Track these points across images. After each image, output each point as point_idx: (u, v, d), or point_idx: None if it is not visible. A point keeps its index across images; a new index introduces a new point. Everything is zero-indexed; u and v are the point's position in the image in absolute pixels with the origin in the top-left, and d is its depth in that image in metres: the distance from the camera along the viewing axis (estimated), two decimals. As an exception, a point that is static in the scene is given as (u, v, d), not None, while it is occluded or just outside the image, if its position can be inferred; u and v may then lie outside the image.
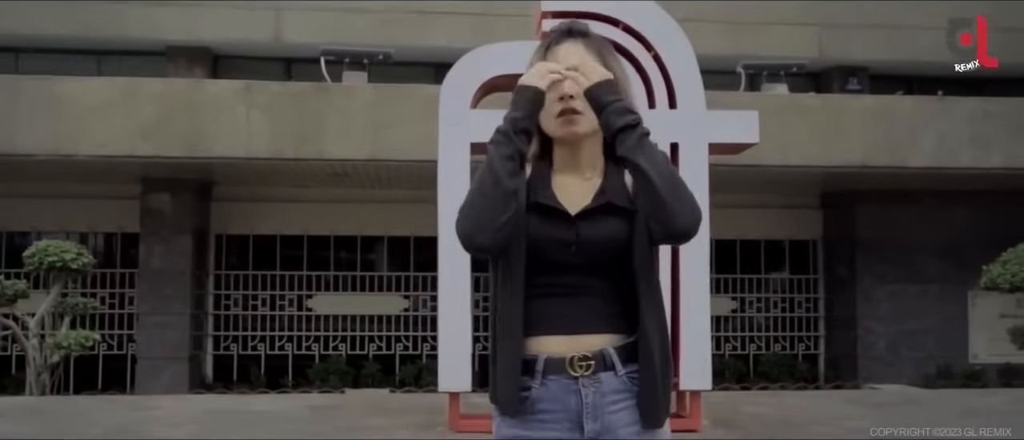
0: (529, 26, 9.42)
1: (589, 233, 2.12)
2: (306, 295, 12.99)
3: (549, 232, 2.12)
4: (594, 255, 2.12)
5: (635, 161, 2.06)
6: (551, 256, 2.11)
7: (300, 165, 10.56)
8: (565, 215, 2.14)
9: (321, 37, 11.91)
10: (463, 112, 5.97)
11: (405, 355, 12.93)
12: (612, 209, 2.15)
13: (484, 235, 2.03)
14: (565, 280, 2.12)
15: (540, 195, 2.17)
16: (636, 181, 2.09)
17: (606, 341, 2.13)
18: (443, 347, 5.92)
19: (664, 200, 2.02)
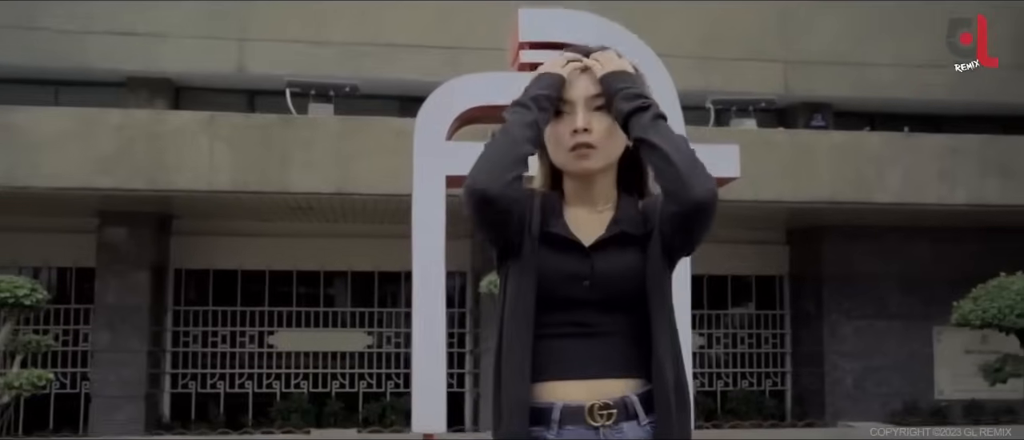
0: (499, 60, 9.36)
1: (604, 266, 1.99)
2: (267, 331, 12.70)
3: (561, 265, 1.99)
4: (609, 290, 1.98)
5: (649, 138, 1.96)
6: (563, 292, 1.97)
7: (264, 198, 10.35)
8: (578, 247, 2.01)
9: (286, 69, 11.74)
10: (438, 144, 5.83)
11: (369, 393, 12.67)
12: (627, 240, 2.02)
13: (493, 182, 1.90)
14: (579, 318, 1.98)
15: (552, 224, 2.03)
16: (651, 159, 1.96)
17: (627, 387, 1.98)
18: (417, 386, 5.72)
19: (681, 170, 1.92)
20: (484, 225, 1.97)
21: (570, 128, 2.02)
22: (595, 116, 2.03)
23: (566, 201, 2.10)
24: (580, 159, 2.02)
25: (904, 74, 13.13)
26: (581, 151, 2.02)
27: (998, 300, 8.44)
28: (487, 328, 12.21)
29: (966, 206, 10.97)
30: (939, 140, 11.27)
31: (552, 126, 2.04)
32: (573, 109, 2.04)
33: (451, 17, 12.66)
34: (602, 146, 2.03)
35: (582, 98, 2.04)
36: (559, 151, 2.05)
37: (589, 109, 2.03)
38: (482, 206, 1.92)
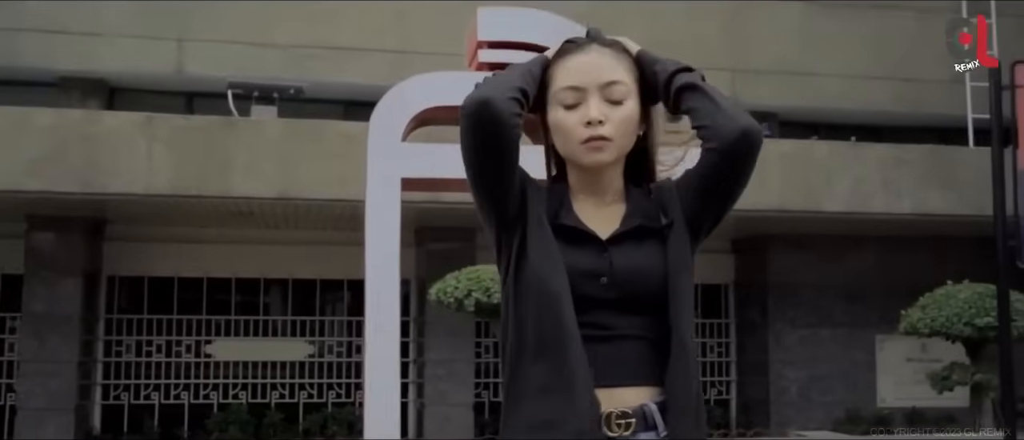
0: (447, 64, 9.20)
1: (622, 262, 1.84)
2: (205, 340, 12.32)
3: (576, 261, 1.83)
4: (628, 288, 1.83)
5: (695, 83, 1.88)
6: (579, 290, 1.81)
7: (204, 203, 10.02)
8: (594, 241, 1.86)
9: (227, 70, 11.42)
10: (393, 145, 5.63)
11: (310, 403, 12.35)
12: (645, 233, 1.87)
13: (495, 92, 1.81)
14: (596, 320, 1.82)
15: (564, 217, 1.87)
16: (693, 102, 1.87)
17: (645, 395, 1.83)
18: (370, 395, 5.52)
19: (725, 107, 1.84)
20: (483, 151, 1.82)
21: (582, 119, 1.87)
22: (608, 106, 1.88)
23: (572, 192, 1.95)
24: (593, 152, 1.88)
25: (849, 85, 13.26)
26: (595, 144, 1.87)
27: (945, 309, 8.51)
28: (433, 337, 11.99)
29: (911, 215, 11.07)
30: (885, 150, 11.37)
31: (561, 116, 1.90)
32: (584, 98, 1.88)
33: (399, 21, 12.46)
34: (616, 138, 1.88)
35: (595, 86, 1.88)
36: (569, 143, 1.90)
37: (602, 99, 1.88)
38: (483, 117, 1.79)
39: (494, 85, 1.86)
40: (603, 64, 1.90)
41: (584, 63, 1.90)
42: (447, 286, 8.25)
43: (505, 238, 1.90)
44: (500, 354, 1.93)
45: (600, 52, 1.92)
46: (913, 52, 13.64)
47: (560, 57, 1.94)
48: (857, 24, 13.65)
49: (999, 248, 7.05)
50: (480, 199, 1.91)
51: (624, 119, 1.89)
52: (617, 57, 1.92)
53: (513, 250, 1.87)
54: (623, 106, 1.89)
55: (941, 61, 13.67)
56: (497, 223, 1.91)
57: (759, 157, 1.92)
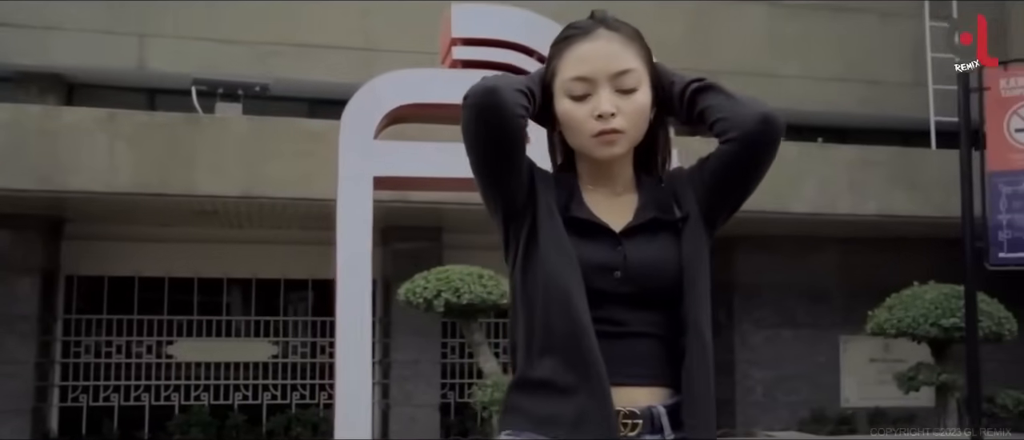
0: (414, 63, 9.12)
1: (637, 255, 1.78)
2: (166, 341, 12.12)
3: (589, 254, 1.77)
4: (642, 282, 1.77)
5: (711, 83, 1.84)
6: (592, 284, 1.75)
7: (167, 201, 9.84)
8: (608, 233, 1.79)
9: (190, 67, 11.23)
10: (366, 143, 5.55)
11: (273, 405, 12.20)
12: (659, 226, 1.81)
13: (501, 83, 1.74)
14: (608, 315, 1.75)
15: (575, 209, 1.81)
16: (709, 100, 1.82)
17: (654, 396, 1.77)
18: (342, 395, 5.43)
19: (741, 99, 1.80)
20: (487, 141, 1.75)
21: (592, 112, 1.80)
22: (620, 97, 1.81)
23: (581, 183, 1.88)
24: (606, 146, 1.82)
25: (814, 87, 13.34)
26: (607, 138, 1.80)
27: (912, 309, 8.55)
28: (398, 337, 11.89)
29: (876, 216, 11.15)
30: (851, 151, 11.45)
31: (570, 108, 1.82)
32: (594, 89, 1.81)
33: (365, 18, 12.33)
34: (629, 130, 1.82)
35: (605, 76, 1.80)
36: (580, 136, 1.83)
37: (613, 90, 1.81)
38: (489, 104, 1.72)
39: (500, 78, 1.79)
40: (612, 51, 1.82)
41: (592, 51, 1.81)
42: (416, 286, 8.16)
43: (513, 229, 1.84)
44: (510, 349, 1.86)
45: (608, 38, 1.83)
46: (876, 55, 13.76)
47: (565, 44, 1.85)
48: (821, 26, 13.73)
49: (966, 250, 7.10)
50: (486, 190, 1.84)
51: (636, 109, 1.82)
52: (626, 42, 1.84)
53: (521, 242, 1.81)
54: (635, 95, 1.82)
55: (904, 64, 13.87)
56: (504, 214, 1.84)
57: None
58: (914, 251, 12.43)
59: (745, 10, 13.58)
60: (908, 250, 12.47)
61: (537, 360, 1.75)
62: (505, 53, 5.61)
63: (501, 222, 1.85)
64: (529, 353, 1.77)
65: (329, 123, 9.93)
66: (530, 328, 1.77)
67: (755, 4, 13.63)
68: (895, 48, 13.86)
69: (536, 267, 1.76)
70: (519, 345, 1.81)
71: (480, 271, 8.31)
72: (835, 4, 13.75)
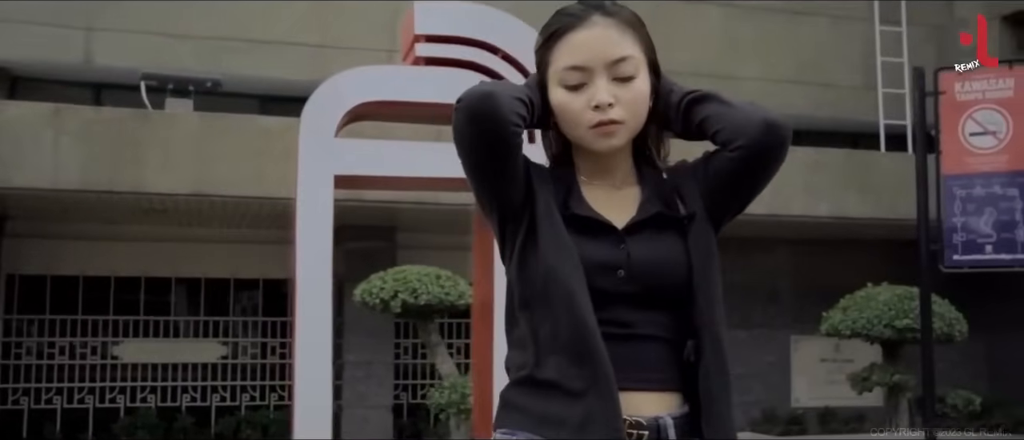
0: (367, 59, 8.98)
1: (641, 252, 1.70)
2: (112, 342, 11.85)
3: (591, 253, 1.68)
4: (648, 281, 1.69)
5: (707, 92, 1.77)
6: (594, 284, 1.66)
7: (114, 199, 9.60)
8: (610, 230, 1.71)
9: (139, 61, 10.96)
10: (327, 141, 5.41)
11: (222, 406, 11.97)
12: (664, 222, 1.73)
13: (498, 89, 1.66)
14: (612, 316, 1.67)
15: (575, 206, 1.72)
16: (706, 111, 1.75)
17: (663, 403, 1.68)
18: (300, 397, 5.28)
19: (741, 106, 1.73)
20: (481, 148, 1.66)
21: (589, 102, 1.72)
22: (617, 85, 1.73)
23: (579, 177, 1.80)
24: (604, 138, 1.74)
25: (768, 89, 13.42)
26: (605, 129, 1.72)
27: (866, 311, 8.63)
28: (351, 338, 11.73)
29: (829, 218, 11.26)
30: (805, 153, 11.54)
31: (566, 98, 1.74)
32: (590, 78, 1.72)
33: (318, 14, 12.16)
34: (628, 120, 1.74)
35: (602, 65, 1.72)
36: (577, 128, 1.75)
37: (610, 78, 1.73)
38: (484, 111, 1.63)
39: (497, 84, 1.72)
40: (610, 38, 1.73)
41: (589, 39, 1.73)
42: (372, 287, 8.04)
43: (510, 230, 1.75)
44: (508, 355, 1.77)
45: (605, 24, 1.74)
46: (828, 58, 13.91)
47: (559, 32, 1.76)
48: (775, 29, 13.85)
49: (922, 252, 7.16)
50: (479, 193, 1.76)
51: (635, 98, 1.74)
52: (623, 27, 1.75)
53: (519, 241, 1.72)
54: (633, 84, 1.74)
55: (855, 67, 14.04)
56: (500, 216, 1.75)
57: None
58: (864, 252, 12.59)
59: (701, 12, 13.65)
60: (858, 251, 12.63)
61: (543, 360, 1.67)
62: (469, 50, 5.51)
63: (497, 223, 1.77)
64: (533, 353, 1.69)
65: (282, 120, 9.78)
66: (533, 329, 1.69)
67: (711, 6, 13.71)
68: (846, 52, 14.03)
69: (536, 267, 1.68)
70: (519, 346, 1.73)
71: (437, 271, 8.22)
72: (789, 7, 13.87)
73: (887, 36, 13.72)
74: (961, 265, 7.25)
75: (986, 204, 7.13)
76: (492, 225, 1.79)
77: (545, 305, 1.66)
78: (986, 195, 7.14)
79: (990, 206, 7.11)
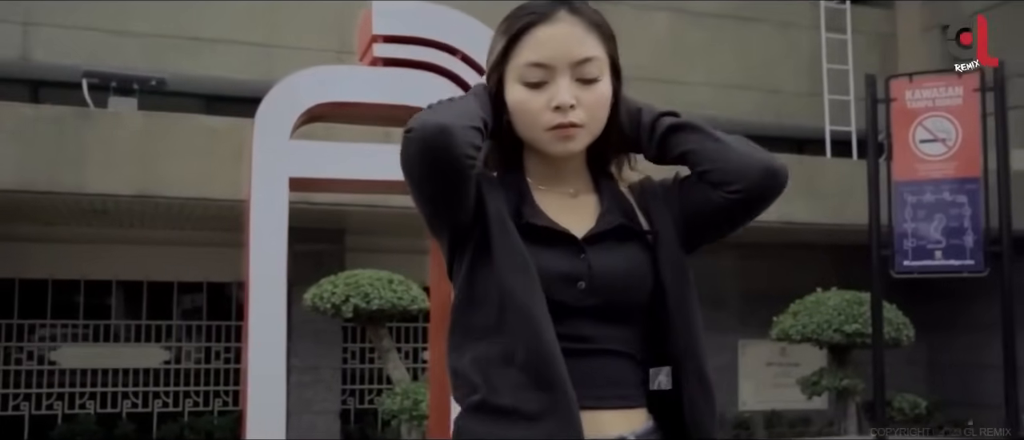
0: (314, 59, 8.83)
1: (603, 264, 1.62)
2: (49, 347, 11.51)
3: (549, 264, 1.59)
4: (610, 293, 1.61)
5: (692, 122, 1.70)
6: (553, 296, 1.58)
7: (54, 199, 9.32)
8: (569, 240, 1.63)
9: (79, 58, 10.66)
10: (281, 143, 5.28)
11: (165, 412, 11.70)
12: (626, 234, 1.65)
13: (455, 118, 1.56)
14: (571, 330, 1.58)
15: (530, 215, 1.63)
16: (690, 143, 1.67)
17: (626, 422, 1.61)
18: (253, 404, 5.14)
19: (735, 146, 1.65)
20: (432, 180, 1.58)
21: (549, 102, 1.63)
22: (580, 87, 1.65)
23: (532, 183, 1.71)
24: (562, 140, 1.65)
25: (715, 93, 13.54)
26: (565, 131, 1.64)
27: (816, 315, 8.71)
28: (297, 343, 11.53)
29: (777, 223, 11.33)
30: (755, 159, 11.61)
31: (524, 96, 1.65)
32: (552, 76, 1.64)
33: (265, 12, 11.95)
34: (589, 123, 1.66)
35: (565, 64, 1.64)
36: (533, 129, 1.65)
37: (573, 77, 1.64)
38: (438, 146, 1.54)
39: (452, 112, 1.60)
40: (575, 36, 1.65)
41: (554, 35, 1.65)
42: (323, 291, 7.90)
43: (460, 247, 1.67)
44: (454, 372, 1.65)
45: (571, 22, 1.66)
46: (775, 64, 14.05)
47: (523, 29, 1.67)
48: (722, 34, 13.95)
49: (873, 258, 7.24)
50: (429, 220, 1.67)
51: (597, 101, 1.66)
52: (589, 27, 1.68)
53: (468, 256, 1.63)
54: (596, 86, 1.66)
55: (800, 73, 14.20)
56: (451, 238, 1.67)
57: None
58: (810, 257, 12.73)
59: (649, 16, 13.69)
60: (804, 256, 12.76)
61: (498, 385, 1.57)
62: (428, 51, 5.42)
63: (447, 244, 1.69)
64: (485, 378, 1.59)
65: (230, 120, 9.58)
66: (485, 351, 1.60)
67: (658, 10, 13.76)
68: (792, 57, 14.19)
69: (489, 286, 1.59)
70: (471, 369, 1.61)
71: (390, 276, 8.11)
72: (736, 13, 13.98)
73: (833, 43, 13.91)
74: (911, 271, 7.34)
75: (936, 210, 7.23)
76: (442, 246, 1.71)
77: (500, 327, 1.58)
78: (936, 201, 7.23)
79: (940, 212, 7.21)
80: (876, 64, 13.25)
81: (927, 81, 7.42)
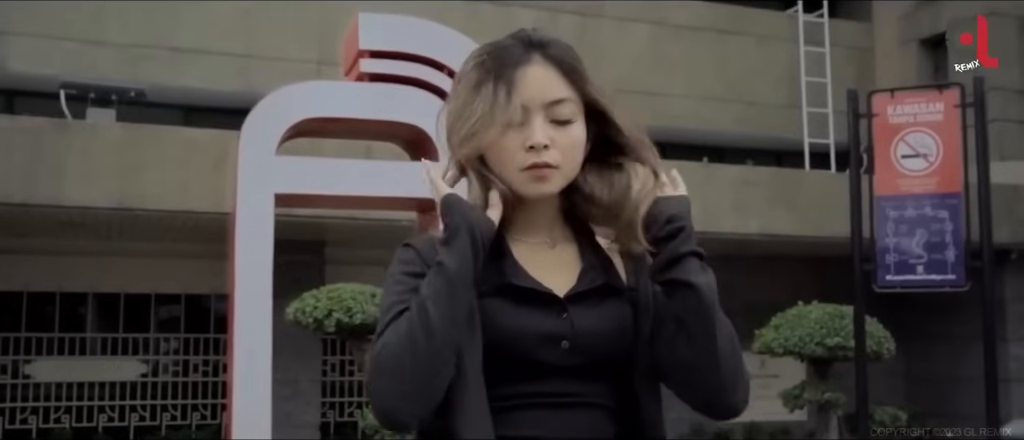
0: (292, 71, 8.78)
1: (586, 323, 1.58)
2: (24, 360, 11.34)
3: (530, 323, 1.56)
4: (593, 353, 1.58)
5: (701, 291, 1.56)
6: (533, 356, 1.55)
7: (30, 212, 9.20)
8: (551, 299, 1.58)
9: (56, 69, 10.57)
10: (267, 158, 5.25)
11: (142, 426, 11.56)
12: (607, 291, 1.61)
13: (414, 407, 1.47)
14: (550, 388, 1.56)
15: (511, 275, 1.58)
16: (689, 322, 1.57)
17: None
18: (238, 418, 5.12)
19: (721, 364, 1.55)
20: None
21: (523, 142, 1.59)
22: (554, 128, 1.60)
23: (508, 233, 1.66)
24: (536, 182, 1.60)
25: (695, 106, 13.59)
26: (539, 172, 1.59)
27: (798, 329, 8.72)
28: (277, 356, 11.41)
29: (759, 236, 11.38)
30: (733, 171, 11.66)
31: (498, 138, 1.60)
32: (527, 117, 1.60)
33: (243, 23, 11.89)
34: (563, 165, 1.61)
35: (539, 105, 1.60)
36: (508, 169, 1.61)
37: (548, 119, 1.60)
38: (401, 430, 1.54)
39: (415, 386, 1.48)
40: (548, 77, 1.62)
41: (527, 76, 1.61)
42: (306, 305, 7.84)
43: None
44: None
45: (544, 65, 1.62)
46: (754, 76, 14.14)
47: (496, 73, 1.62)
48: (702, 47, 14.02)
49: (855, 272, 7.26)
50: None
51: (572, 143, 1.61)
52: (563, 69, 1.63)
53: None
54: (570, 128, 1.61)
55: (779, 86, 14.29)
56: None
57: None
58: (790, 269, 12.77)
59: (629, 30, 13.73)
60: (784, 268, 12.81)
61: None
62: (415, 67, 5.42)
63: None
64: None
65: (210, 132, 9.52)
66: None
67: (639, 24, 13.81)
68: (771, 70, 14.28)
69: None
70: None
71: (372, 290, 8.05)
72: (716, 26, 14.06)
73: (811, 56, 14.00)
74: (893, 285, 7.37)
75: (917, 225, 7.26)
76: None
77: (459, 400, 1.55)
78: (917, 216, 7.27)
79: (921, 227, 7.24)
80: (854, 77, 13.37)
81: (908, 97, 7.47)
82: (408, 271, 1.60)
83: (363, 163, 5.91)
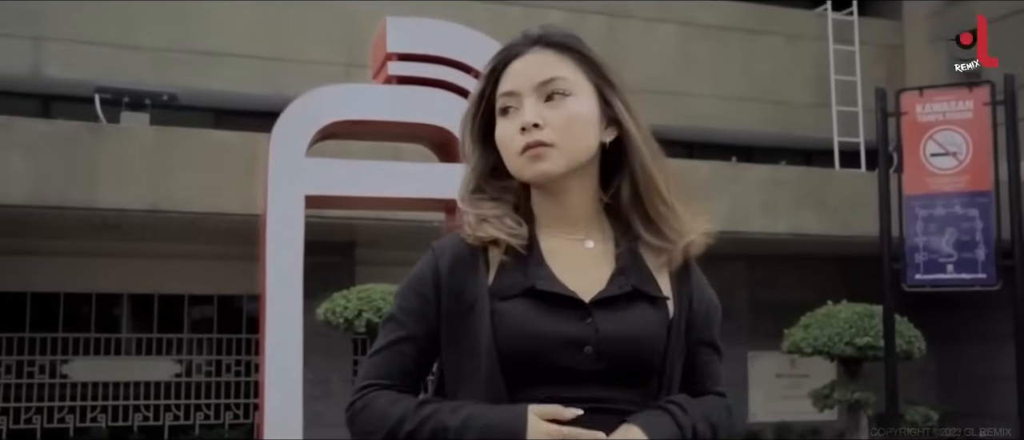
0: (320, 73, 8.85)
1: (611, 329, 1.57)
2: (61, 360, 11.53)
3: (555, 327, 1.55)
4: (618, 359, 1.57)
5: (716, 391, 1.75)
6: (556, 361, 1.54)
7: (66, 214, 9.35)
8: (575, 303, 1.58)
9: (90, 74, 10.72)
10: (297, 160, 5.34)
11: (176, 426, 11.71)
12: (638, 296, 1.60)
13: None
14: (573, 394, 1.55)
15: (534, 276, 1.57)
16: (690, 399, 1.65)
17: None
18: (270, 418, 5.21)
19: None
20: None
21: (517, 125, 1.61)
22: (548, 106, 1.61)
23: (537, 226, 1.66)
24: (534, 161, 1.59)
25: (723, 106, 13.55)
26: (534, 152, 1.59)
27: (827, 328, 8.67)
28: (307, 356, 11.53)
29: (788, 235, 11.34)
30: (761, 171, 11.63)
31: (500, 126, 1.64)
32: (519, 101, 1.62)
33: (271, 27, 12.00)
34: (561, 142, 1.60)
35: (529, 88, 1.62)
36: (508, 156, 1.63)
37: (540, 98, 1.62)
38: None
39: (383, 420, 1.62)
40: (540, 62, 1.63)
41: (520, 66, 1.64)
42: (336, 305, 7.92)
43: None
44: None
45: (541, 53, 1.65)
46: (782, 76, 14.07)
47: (500, 66, 1.69)
48: (730, 47, 13.97)
49: (885, 271, 7.24)
50: None
51: (567, 117, 1.61)
52: (561, 55, 1.65)
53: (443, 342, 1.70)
54: (566, 100, 1.61)
55: (808, 85, 14.21)
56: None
57: None
58: (818, 269, 12.71)
59: (657, 30, 13.72)
60: (812, 268, 12.75)
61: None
62: (442, 69, 5.48)
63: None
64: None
65: (239, 135, 9.63)
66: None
67: (666, 24, 13.79)
68: (800, 69, 14.20)
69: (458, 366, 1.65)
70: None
71: (402, 290, 8.12)
72: (744, 25, 14.01)
73: (840, 54, 13.92)
74: (923, 284, 7.34)
75: (947, 224, 7.23)
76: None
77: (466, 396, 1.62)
78: (947, 215, 7.24)
79: (951, 226, 7.21)
80: (883, 76, 13.27)
81: (938, 95, 7.43)
82: (417, 290, 1.66)
83: (392, 165, 5.97)
